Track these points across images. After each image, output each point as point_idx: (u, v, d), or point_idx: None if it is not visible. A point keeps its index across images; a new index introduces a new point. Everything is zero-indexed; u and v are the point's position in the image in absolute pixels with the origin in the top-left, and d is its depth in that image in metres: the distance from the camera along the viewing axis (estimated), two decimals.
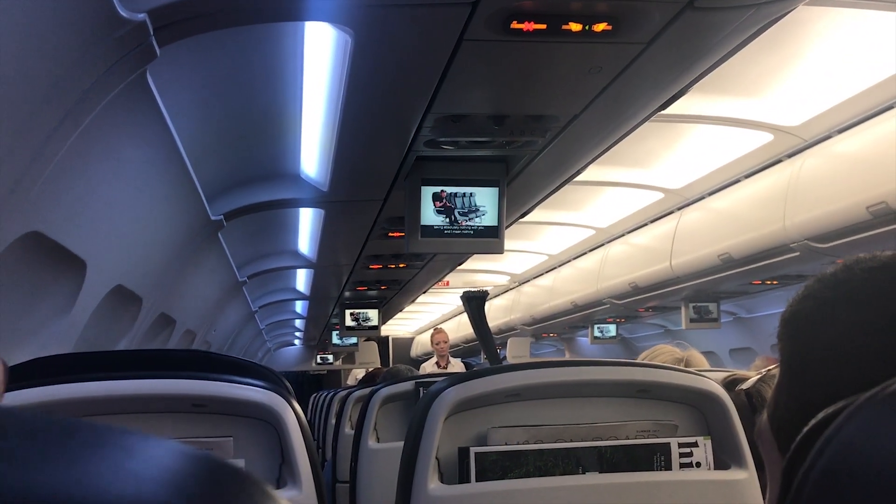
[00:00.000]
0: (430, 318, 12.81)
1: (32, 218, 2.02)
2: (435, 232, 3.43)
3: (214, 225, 3.78)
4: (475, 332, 3.49)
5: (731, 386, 1.53)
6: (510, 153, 3.21)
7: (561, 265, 7.34)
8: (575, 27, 2.01)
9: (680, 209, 5.06)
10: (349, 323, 7.83)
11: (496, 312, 9.07)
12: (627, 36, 2.10)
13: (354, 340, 9.63)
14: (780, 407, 0.70)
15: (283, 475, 1.45)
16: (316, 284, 6.71)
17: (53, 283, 2.44)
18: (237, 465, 0.29)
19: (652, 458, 1.45)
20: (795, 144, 3.84)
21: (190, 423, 1.45)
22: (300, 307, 8.77)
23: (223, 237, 4.16)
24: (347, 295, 7.25)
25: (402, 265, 5.69)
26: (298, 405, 1.47)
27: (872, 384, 0.37)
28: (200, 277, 4.51)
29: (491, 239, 3.50)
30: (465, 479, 1.40)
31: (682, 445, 1.46)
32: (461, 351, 11.62)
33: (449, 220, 3.41)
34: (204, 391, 1.40)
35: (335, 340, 9.85)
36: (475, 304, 3.45)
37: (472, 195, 3.40)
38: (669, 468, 1.45)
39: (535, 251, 7.21)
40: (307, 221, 4.69)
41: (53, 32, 1.57)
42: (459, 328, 10.76)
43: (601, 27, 2.02)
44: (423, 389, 2.45)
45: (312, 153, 3.36)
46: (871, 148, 3.35)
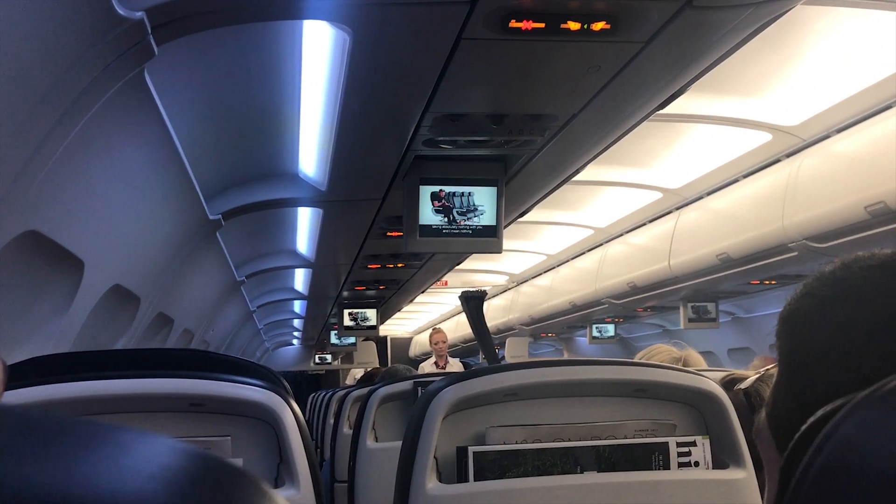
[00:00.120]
0: (428, 317, 12.81)
1: (30, 217, 2.02)
2: (433, 231, 3.42)
3: (213, 224, 3.78)
4: (473, 332, 3.48)
5: (729, 385, 1.53)
6: (509, 152, 3.21)
7: (559, 265, 7.34)
8: (573, 26, 2.02)
9: (678, 209, 5.06)
10: (347, 323, 7.83)
11: (494, 312, 9.07)
12: (626, 35, 2.10)
13: (353, 340, 9.64)
14: (778, 405, 0.70)
15: (281, 475, 1.45)
16: (314, 284, 6.71)
17: (51, 282, 2.44)
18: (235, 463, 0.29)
19: (650, 457, 1.45)
20: (794, 144, 3.84)
21: (188, 422, 1.44)
22: (298, 307, 8.77)
23: (221, 236, 4.15)
24: (346, 294, 7.24)
25: (400, 265, 5.69)
26: (297, 405, 1.47)
27: (871, 382, 0.37)
28: (198, 277, 4.50)
29: (489, 238, 3.50)
30: (463, 478, 1.40)
31: (680, 445, 1.46)
32: (459, 351, 11.62)
33: (447, 219, 3.41)
34: (202, 390, 1.40)
35: (333, 340, 9.85)
36: (473, 303, 3.45)
37: (470, 194, 3.40)
38: (668, 467, 1.45)
39: (533, 251, 7.21)
40: (305, 221, 4.69)
41: (51, 31, 1.57)
42: (458, 328, 10.75)
43: (600, 26, 2.02)
44: (421, 389, 2.45)
45: (311, 152, 3.36)
46: (869, 147, 3.35)
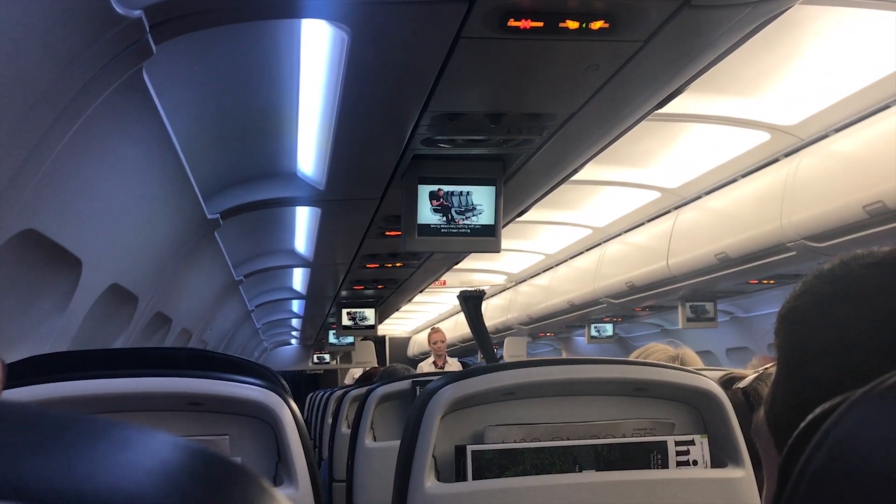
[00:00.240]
0: (426, 317, 12.81)
1: (28, 216, 2.02)
2: (432, 231, 3.42)
3: (211, 223, 3.77)
4: (472, 331, 3.48)
5: (727, 384, 1.53)
6: (507, 152, 3.21)
7: (558, 264, 7.34)
8: (572, 25, 2.01)
9: (677, 208, 5.06)
10: (346, 322, 7.83)
11: (493, 312, 9.08)
12: (624, 34, 2.10)
13: (351, 340, 9.64)
14: (776, 403, 0.70)
15: (279, 474, 1.45)
16: (312, 283, 6.71)
17: (49, 281, 2.43)
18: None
19: (649, 456, 1.45)
20: (792, 143, 3.84)
21: (186, 421, 1.44)
22: (297, 306, 8.77)
23: (219, 236, 4.15)
24: (344, 294, 7.24)
25: (398, 264, 5.69)
26: (295, 404, 1.47)
27: (869, 379, 0.37)
28: (197, 276, 4.50)
29: (488, 238, 3.50)
30: (461, 477, 1.40)
31: (678, 443, 1.46)
32: (458, 350, 11.62)
33: (446, 218, 3.41)
34: (200, 389, 1.40)
35: (332, 340, 9.85)
36: (472, 303, 3.45)
37: (469, 194, 3.40)
38: (666, 466, 1.45)
39: (531, 250, 7.21)
40: (304, 220, 4.69)
41: (49, 29, 1.56)
42: (456, 328, 10.75)
43: (598, 25, 2.02)
44: (419, 388, 2.45)
45: (309, 151, 3.36)
46: (867, 147, 3.36)
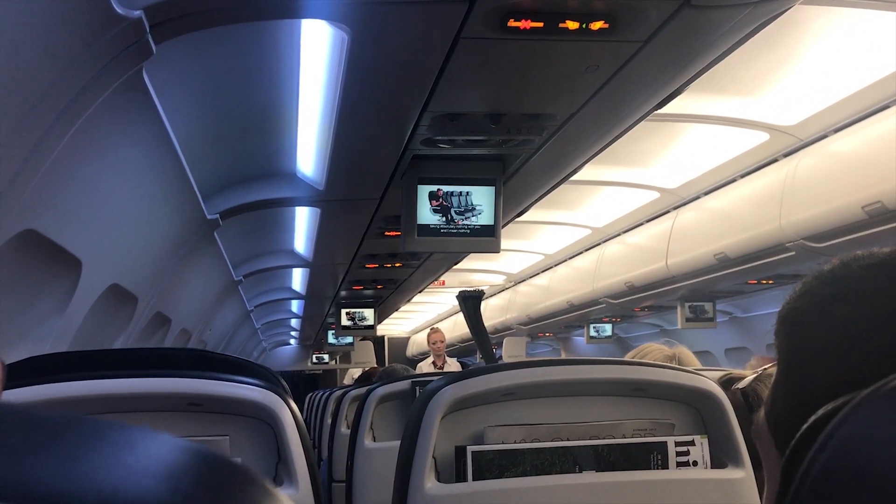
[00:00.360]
0: (425, 317, 12.81)
1: (28, 216, 2.01)
2: (431, 231, 3.42)
3: (210, 224, 3.77)
4: (471, 331, 3.48)
5: (727, 385, 1.53)
6: (507, 152, 3.21)
7: (557, 265, 7.34)
8: (572, 25, 2.02)
9: (676, 209, 5.06)
10: (345, 322, 7.83)
11: (492, 312, 9.08)
12: (624, 34, 2.10)
13: (350, 340, 9.65)
14: (777, 404, 0.70)
15: (279, 474, 1.45)
16: (312, 283, 6.71)
17: (49, 281, 2.43)
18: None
19: (649, 456, 1.45)
20: (791, 144, 3.84)
21: (186, 421, 1.44)
22: (296, 306, 8.77)
23: (219, 236, 4.15)
24: (343, 294, 7.24)
25: (398, 264, 5.69)
26: (295, 404, 1.47)
27: (870, 380, 0.37)
28: (196, 276, 4.50)
29: (487, 238, 3.50)
30: (461, 477, 1.40)
31: (678, 444, 1.46)
32: (457, 350, 11.62)
33: (445, 218, 3.41)
34: (200, 390, 1.40)
35: (331, 340, 9.86)
36: (471, 303, 3.45)
37: (468, 194, 3.40)
38: (666, 467, 1.45)
39: (531, 251, 7.21)
40: (303, 220, 4.69)
41: (49, 30, 1.56)
42: (455, 328, 10.76)
43: (598, 25, 2.02)
44: (419, 389, 2.45)
45: (309, 152, 3.36)
46: (866, 147, 3.36)
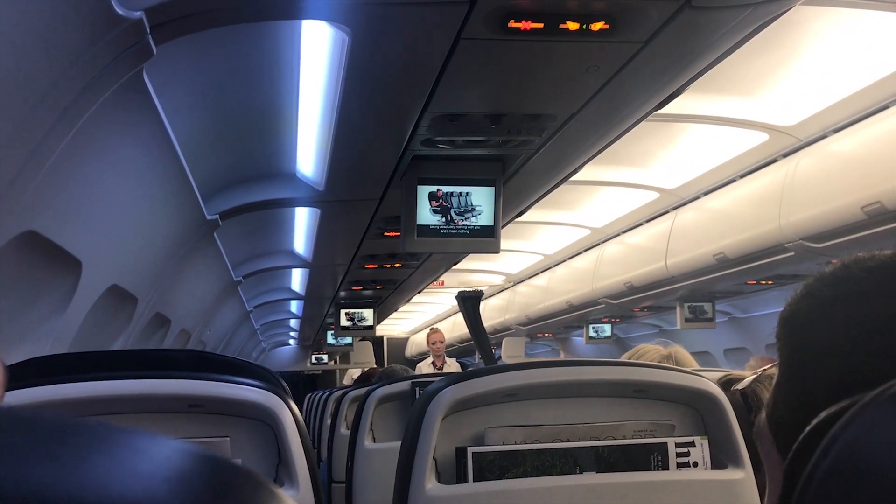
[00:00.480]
0: (424, 317, 12.81)
1: (28, 217, 2.01)
2: (431, 231, 3.42)
3: (210, 224, 3.77)
4: (470, 332, 3.49)
5: (726, 386, 1.53)
6: (507, 152, 3.21)
7: (556, 265, 7.34)
8: (572, 26, 2.02)
9: (675, 209, 5.06)
10: (344, 323, 7.83)
11: (491, 312, 9.08)
12: (624, 35, 2.10)
13: (349, 340, 9.64)
14: (778, 406, 0.70)
15: (279, 475, 1.45)
16: (311, 284, 6.71)
17: (49, 282, 2.43)
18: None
19: (649, 457, 1.45)
20: (791, 144, 3.85)
21: (186, 423, 1.44)
22: (295, 307, 8.76)
23: (219, 236, 4.15)
24: (343, 295, 7.24)
25: (397, 265, 5.69)
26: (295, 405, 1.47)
27: (871, 382, 0.37)
28: (196, 277, 4.50)
29: (487, 239, 3.50)
30: (462, 479, 1.40)
31: (679, 445, 1.46)
32: (456, 351, 11.62)
33: (445, 219, 3.40)
34: (202, 391, 1.40)
35: (330, 340, 9.85)
36: (470, 303, 3.45)
37: (468, 194, 3.40)
38: (666, 468, 1.45)
39: (530, 251, 7.21)
40: (303, 221, 4.69)
41: (50, 31, 1.56)
42: (454, 328, 10.76)
43: (598, 26, 2.02)
44: (419, 390, 2.45)
45: (309, 152, 3.36)
46: (866, 148, 3.36)
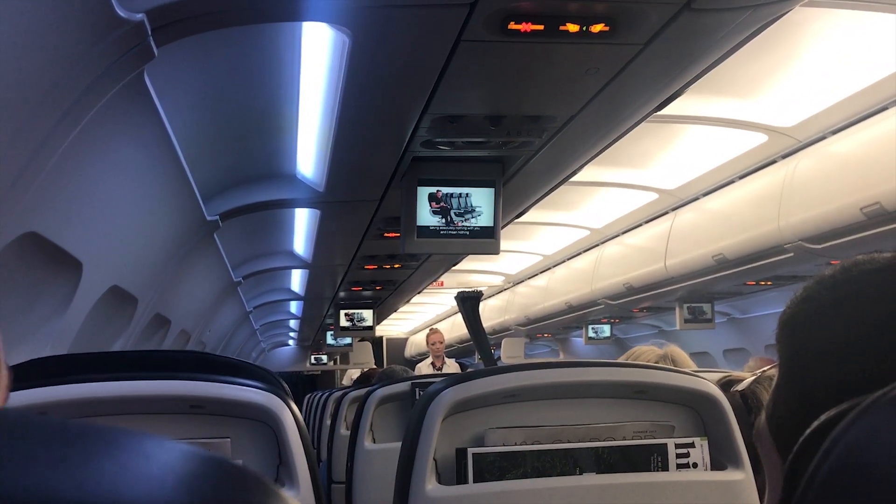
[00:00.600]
0: (424, 318, 12.80)
1: (29, 218, 2.02)
2: (431, 232, 3.42)
3: (210, 225, 3.77)
4: (469, 332, 3.49)
5: (726, 387, 1.53)
6: (506, 154, 3.21)
7: (555, 266, 7.34)
8: (572, 28, 2.02)
9: (674, 210, 5.07)
10: (344, 323, 7.84)
11: (490, 313, 9.08)
12: (625, 37, 2.10)
13: (349, 341, 9.64)
14: (778, 408, 0.70)
15: (280, 476, 1.45)
16: (311, 285, 6.71)
17: (50, 283, 2.43)
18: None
19: (649, 458, 1.45)
20: (790, 145, 3.85)
21: (187, 424, 1.44)
22: (295, 307, 8.76)
23: (218, 237, 4.15)
24: (342, 295, 7.25)
25: (397, 265, 5.69)
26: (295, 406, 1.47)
27: (871, 383, 0.37)
28: (196, 278, 4.50)
29: (487, 239, 3.50)
30: (462, 479, 1.40)
31: (678, 446, 1.47)
32: (455, 351, 11.61)
33: (445, 220, 3.41)
34: (202, 392, 1.40)
35: (329, 341, 9.85)
36: (469, 304, 3.46)
37: (468, 196, 3.40)
38: (666, 469, 1.45)
39: (529, 251, 7.21)
40: (303, 222, 4.69)
41: (51, 32, 1.57)
42: (453, 328, 10.75)
43: (598, 28, 2.03)
44: (419, 390, 2.45)
45: (309, 153, 3.36)
46: (865, 149, 3.36)
